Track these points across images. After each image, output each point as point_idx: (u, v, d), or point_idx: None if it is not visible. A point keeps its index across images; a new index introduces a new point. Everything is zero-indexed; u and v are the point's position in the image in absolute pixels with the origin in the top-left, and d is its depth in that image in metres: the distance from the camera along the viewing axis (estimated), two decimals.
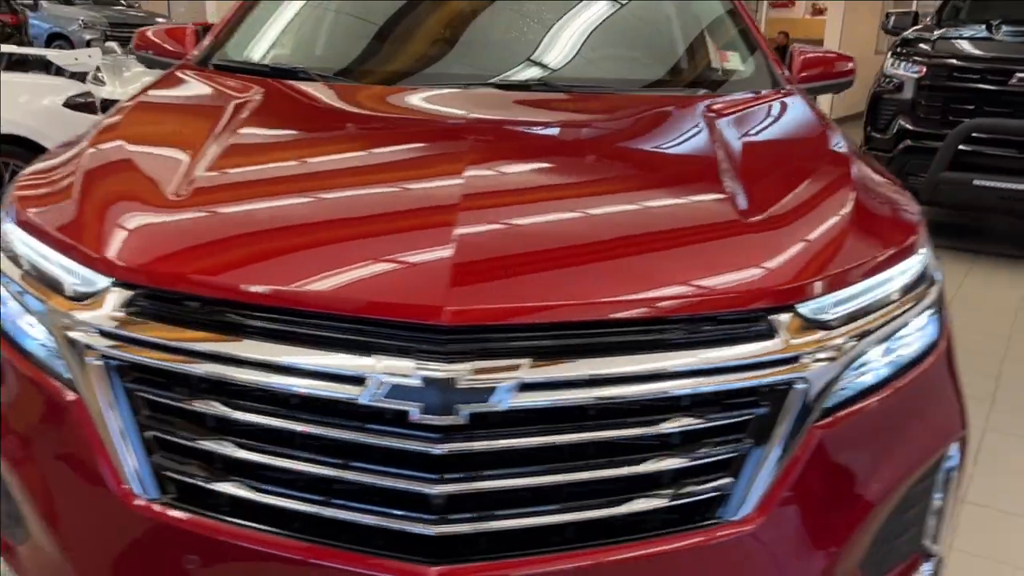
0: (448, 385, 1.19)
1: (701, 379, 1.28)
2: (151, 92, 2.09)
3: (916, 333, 1.52)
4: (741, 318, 1.32)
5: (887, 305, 1.46)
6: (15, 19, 11.25)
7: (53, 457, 1.38)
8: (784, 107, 2.13)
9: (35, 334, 1.42)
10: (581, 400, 1.24)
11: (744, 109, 2.08)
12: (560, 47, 2.38)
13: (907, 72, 5.93)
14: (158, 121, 1.91)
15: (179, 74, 2.22)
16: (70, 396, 1.34)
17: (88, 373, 1.32)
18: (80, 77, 5.18)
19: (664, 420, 1.28)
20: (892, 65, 6.07)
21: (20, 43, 10.40)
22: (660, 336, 1.28)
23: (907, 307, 1.50)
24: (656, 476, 1.28)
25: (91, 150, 1.69)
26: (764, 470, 1.31)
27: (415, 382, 1.19)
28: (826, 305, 1.38)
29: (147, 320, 1.30)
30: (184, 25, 2.71)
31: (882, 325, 1.44)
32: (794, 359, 1.32)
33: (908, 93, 5.91)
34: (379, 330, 1.23)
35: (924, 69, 5.85)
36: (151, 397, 1.30)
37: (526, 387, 1.22)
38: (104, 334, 1.31)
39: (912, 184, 5.88)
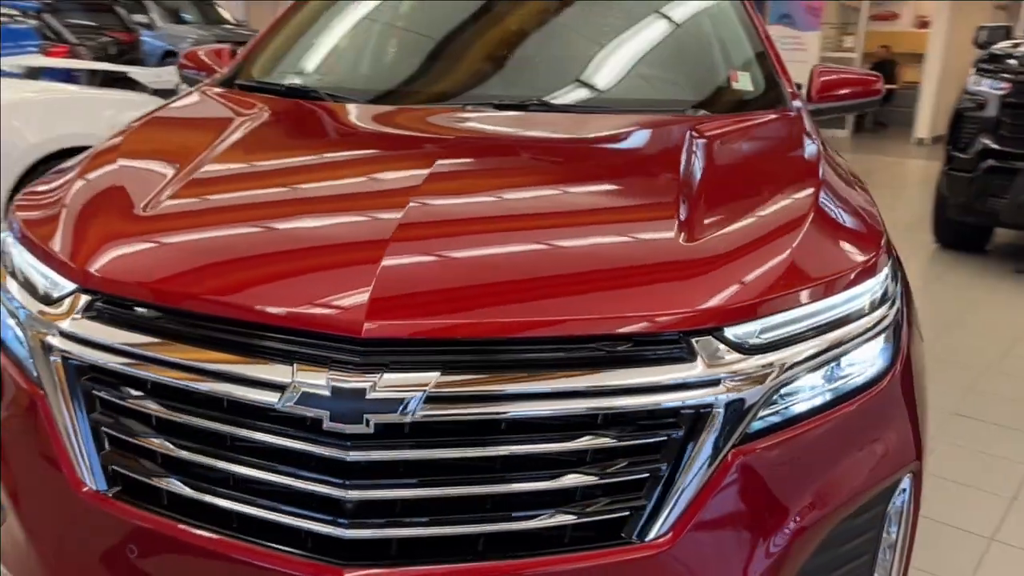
0: (358, 395, 1.24)
1: (615, 399, 1.29)
2: (163, 111, 2.23)
3: (863, 360, 1.48)
4: (661, 340, 1.33)
5: (828, 332, 1.44)
6: (129, 38, 11.94)
7: (25, 448, 1.51)
8: (773, 129, 2.10)
9: (19, 336, 1.55)
10: (489, 415, 1.27)
11: (731, 131, 2.06)
12: (562, 68, 2.42)
13: (991, 89, 5.67)
14: (156, 139, 2.04)
15: (196, 94, 2.36)
16: (40, 392, 1.46)
17: (50, 371, 1.43)
18: (163, 94, 5.50)
19: (577, 438, 1.29)
20: (975, 82, 5.82)
21: (132, 61, 11.06)
22: (575, 355, 1.30)
23: (853, 334, 1.47)
24: (567, 493, 1.30)
25: (87, 164, 1.82)
26: (678, 492, 1.31)
27: (326, 391, 1.25)
28: (754, 330, 1.37)
29: (101, 323, 1.41)
30: (223, 47, 2.87)
31: (819, 352, 1.42)
32: (714, 382, 1.32)
33: (992, 111, 5.65)
34: (303, 340, 1.30)
35: (1010, 86, 5.58)
36: (101, 395, 1.40)
37: (434, 400, 1.26)
38: (63, 335, 1.42)
39: (993, 206, 5.63)
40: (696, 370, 1.32)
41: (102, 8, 11.74)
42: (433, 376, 1.26)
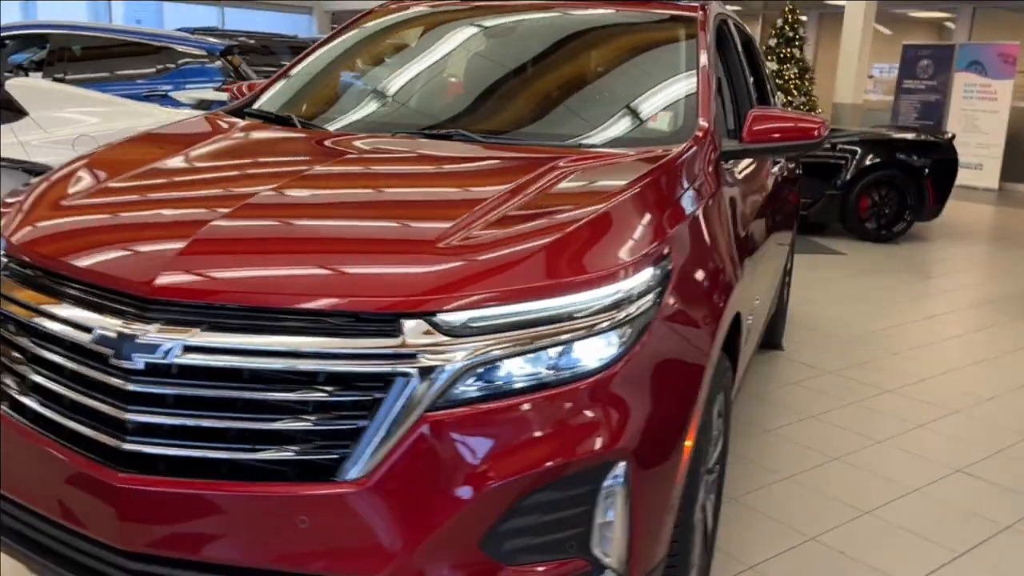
0: (132, 339, 1.65)
1: (331, 362, 1.61)
2: (157, 128, 2.78)
3: (580, 354, 1.68)
4: (376, 318, 1.63)
5: (539, 325, 1.66)
6: None
7: None
8: (629, 164, 2.27)
9: None
10: (233, 365, 1.63)
11: (591, 165, 2.27)
12: (494, 106, 2.74)
13: None
14: (127, 151, 2.56)
15: (199, 117, 2.90)
16: None
17: None
18: None
19: (300, 391, 1.62)
20: None
21: None
22: (304, 324, 1.64)
23: (568, 330, 1.67)
24: (291, 435, 1.63)
25: (62, 167, 2.37)
26: (376, 443, 1.59)
27: (113, 335, 1.66)
28: (461, 318, 1.64)
29: (8, 279, 1.91)
30: (261, 82, 3.43)
31: (524, 341, 1.65)
32: (412, 356, 1.60)
33: None
34: (113, 295, 1.73)
35: None
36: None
37: (193, 350, 1.63)
38: None
39: None
40: (399, 345, 1.61)
41: (302, 49, 13.19)
42: (193, 331, 1.64)
